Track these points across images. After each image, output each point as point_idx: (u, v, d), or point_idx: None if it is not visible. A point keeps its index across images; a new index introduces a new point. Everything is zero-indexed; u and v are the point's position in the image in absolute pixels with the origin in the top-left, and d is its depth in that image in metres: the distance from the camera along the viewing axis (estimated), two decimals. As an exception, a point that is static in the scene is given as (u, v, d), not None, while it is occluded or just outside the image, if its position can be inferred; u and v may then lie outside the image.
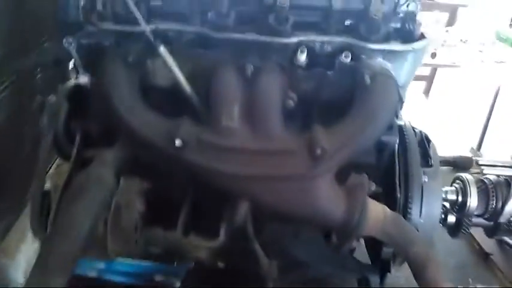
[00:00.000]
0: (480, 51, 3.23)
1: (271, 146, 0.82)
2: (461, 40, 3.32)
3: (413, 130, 1.05)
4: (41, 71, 0.89)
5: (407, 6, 1.02)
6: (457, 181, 1.23)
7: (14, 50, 1.00)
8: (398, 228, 0.83)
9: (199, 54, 0.87)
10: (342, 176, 0.86)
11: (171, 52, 0.85)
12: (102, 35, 0.86)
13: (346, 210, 0.82)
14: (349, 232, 0.82)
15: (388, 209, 0.86)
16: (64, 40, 0.85)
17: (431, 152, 1.05)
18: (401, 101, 0.90)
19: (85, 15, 0.86)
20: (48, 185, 0.92)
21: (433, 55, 3.05)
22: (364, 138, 0.83)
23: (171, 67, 0.84)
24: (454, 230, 1.21)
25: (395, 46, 0.87)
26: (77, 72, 0.91)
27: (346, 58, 0.86)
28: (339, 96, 0.89)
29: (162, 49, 0.83)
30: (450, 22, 4.27)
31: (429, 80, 4.40)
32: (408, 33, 0.91)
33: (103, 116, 0.87)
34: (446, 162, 1.78)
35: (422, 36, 0.91)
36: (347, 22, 0.89)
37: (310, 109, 0.92)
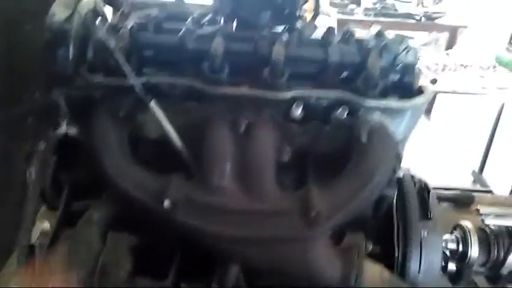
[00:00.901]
0: (481, 76, 3.22)
1: (264, 207, 0.79)
2: (461, 65, 3.31)
3: (413, 179, 1.03)
4: (31, 119, 0.87)
5: (406, 54, 1.01)
6: (458, 229, 1.20)
7: (4, 98, 0.98)
8: None
9: (192, 108, 0.84)
10: (337, 235, 0.83)
11: (163, 106, 0.83)
12: (91, 87, 0.83)
13: (342, 272, 0.79)
14: (344, 295, 0.79)
15: (385, 271, 0.83)
16: (53, 92, 0.83)
17: (430, 203, 1.02)
18: (399, 157, 0.87)
19: (74, 67, 0.83)
20: (34, 238, 0.89)
21: (434, 81, 3.04)
22: (360, 200, 0.80)
23: (162, 122, 0.82)
24: (455, 279, 1.17)
25: (393, 103, 0.84)
26: (67, 123, 0.88)
27: (342, 113, 0.84)
28: (335, 151, 0.87)
29: (152, 104, 0.81)
30: (450, 43, 4.28)
31: (430, 101, 4.37)
32: (407, 87, 0.89)
33: (91, 169, 0.85)
34: (446, 198, 1.74)
35: (421, 90, 0.89)
36: (344, 76, 0.87)
37: (306, 164, 0.89)
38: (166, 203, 0.76)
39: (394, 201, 0.93)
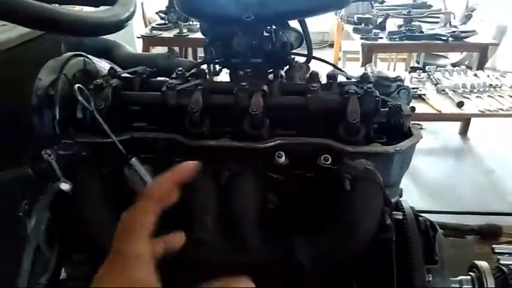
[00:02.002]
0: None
1: (246, 259, 0.78)
2: (490, 85, 3.19)
3: (417, 219, 0.99)
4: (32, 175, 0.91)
5: (398, 93, 0.99)
6: (473, 269, 1.13)
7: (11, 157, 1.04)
8: None
9: (174, 162, 0.85)
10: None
11: (147, 160, 0.85)
12: (78, 146, 0.86)
13: None
14: None
15: None
16: (43, 152, 0.86)
17: (437, 244, 0.97)
18: (388, 203, 0.84)
19: (62, 128, 0.87)
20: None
21: (460, 104, 2.94)
22: (345, 250, 0.77)
23: (144, 177, 0.83)
24: (472, 323, 1.10)
25: (377, 148, 0.82)
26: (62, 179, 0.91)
27: (325, 161, 0.82)
28: (321, 199, 0.85)
29: (134, 160, 0.83)
30: (481, 62, 4.13)
31: (465, 120, 4.22)
32: (395, 129, 0.87)
33: (80, 226, 0.87)
34: (472, 231, 1.66)
35: (409, 133, 0.86)
36: (325, 123, 0.86)
37: (292, 211, 0.87)
38: None
39: (393, 245, 0.89)
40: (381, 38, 4.17)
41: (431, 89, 3.28)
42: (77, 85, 0.80)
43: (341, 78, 0.95)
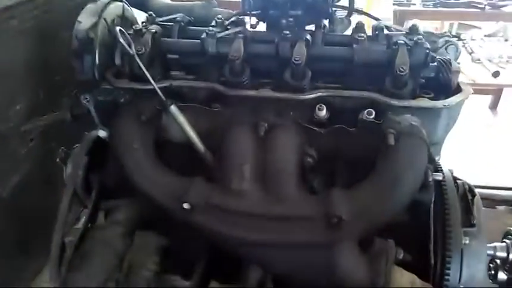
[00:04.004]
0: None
1: (285, 211, 0.77)
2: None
3: (456, 182, 0.96)
4: (68, 122, 0.91)
5: (445, 49, 0.94)
6: (509, 236, 1.10)
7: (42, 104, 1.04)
8: None
9: (213, 111, 0.84)
10: (365, 240, 0.79)
11: (185, 109, 0.83)
12: (117, 92, 0.85)
13: (368, 280, 0.75)
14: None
15: (417, 280, 0.78)
16: (82, 97, 0.86)
17: (475, 208, 0.95)
18: (432, 161, 0.81)
19: (101, 73, 0.86)
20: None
21: (496, 73, 2.82)
22: (386, 206, 0.75)
23: (182, 125, 0.82)
24: (506, 289, 1.08)
25: (425, 103, 0.79)
26: (97, 126, 0.91)
27: (369, 116, 0.79)
28: (362, 155, 0.83)
29: (173, 108, 0.81)
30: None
31: (496, 93, 4.07)
32: (443, 85, 0.83)
33: (118, 171, 0.87)
34: (505, 201, 1.62)
35: (458, 88, 0.82)
36: (370, 75, 0.82)
37: (332, 167, 0.86)
38: (186, 205, 0.76)
39: (432, 206, 0.87)
40: (414, 4, 4.02)
41: (465, 58, 3.15)
42: (119, 27, 0.78)
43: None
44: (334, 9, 1.02)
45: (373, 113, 0.79)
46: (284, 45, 0.83)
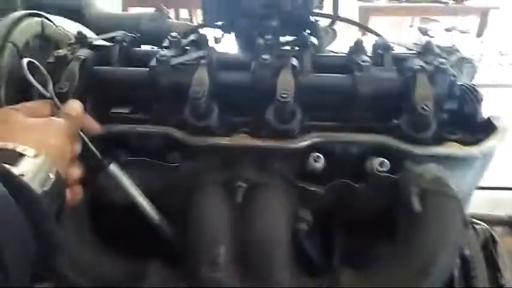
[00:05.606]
0: (522, 64, 2.89)
1: None
2: (499, 53, 2.98)
3: (474, 228, 0.82)
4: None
5: (459, 68, 0.76)
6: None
7: None
8: None
9: (169, 167, 0.61)
10: None
11: (130, 164, 0.60)
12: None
13: None
14: None
15: None
16: None
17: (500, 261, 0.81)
18: (466, 224, 0.62)
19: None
20: None
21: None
22: None
23: (127, 190, 0.59)
24: None
25: (457, 150, 0.59)
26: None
27: (382, 167, 0.59)
28: (372, 216, 0.63)
29: (112, 167, 0.58)
30: (481, 28, 3.92)
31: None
32: (467, 119, 0.63)
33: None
34: (501, 221, 1.47)
35: (488, 123, 0.62)
36: (380, 113, 0.62)
37: (332, 233, 0.65)
38: None
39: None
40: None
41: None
42: (26, 59, 0.54)
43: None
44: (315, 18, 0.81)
45: (388, 164, 0.59)
46: (263, 74, 0.61)
